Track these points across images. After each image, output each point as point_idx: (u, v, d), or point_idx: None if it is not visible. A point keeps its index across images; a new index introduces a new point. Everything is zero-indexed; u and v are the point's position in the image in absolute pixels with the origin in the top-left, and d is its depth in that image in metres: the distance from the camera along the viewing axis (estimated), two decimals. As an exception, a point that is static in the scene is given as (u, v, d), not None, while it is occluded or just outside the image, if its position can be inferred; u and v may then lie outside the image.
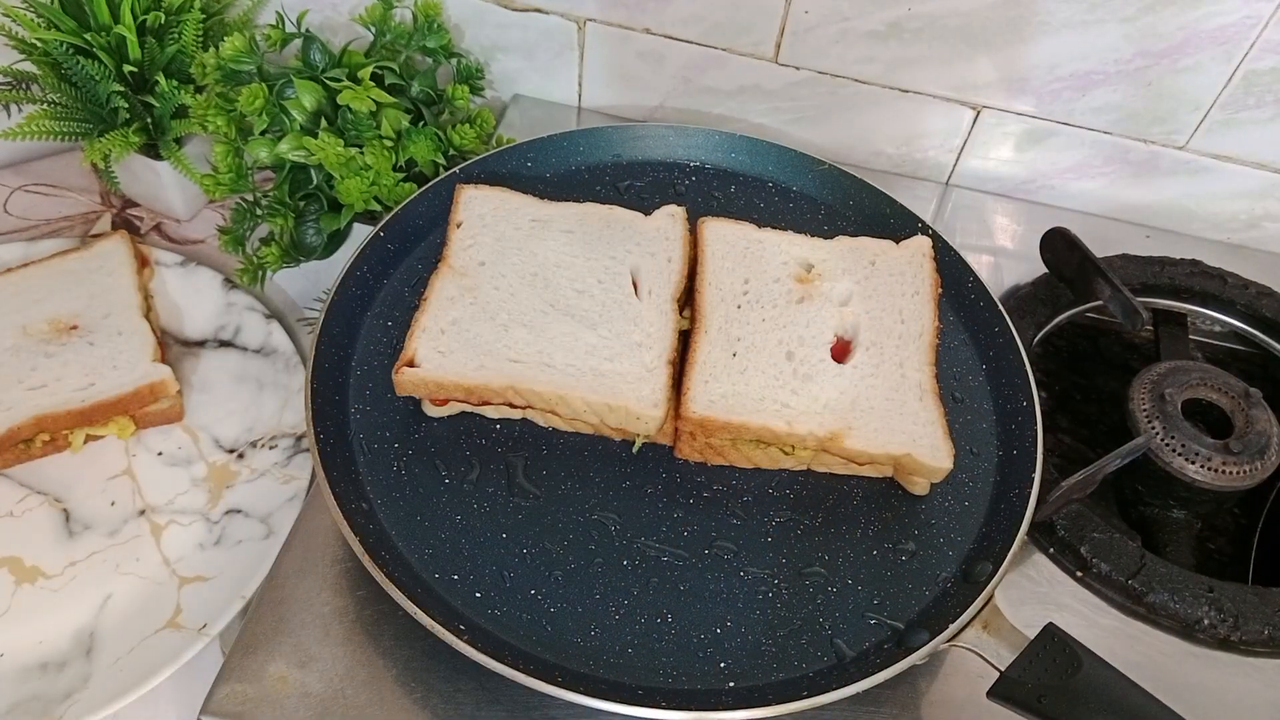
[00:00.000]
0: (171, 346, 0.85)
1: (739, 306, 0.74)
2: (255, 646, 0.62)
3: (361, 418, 0.69)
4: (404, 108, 0.85)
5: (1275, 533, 0.86)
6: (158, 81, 0.85)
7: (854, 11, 0.89)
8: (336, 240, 0.85)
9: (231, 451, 0.79)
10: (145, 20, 0.84)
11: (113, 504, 0.76)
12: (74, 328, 0.80)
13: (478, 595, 0.61)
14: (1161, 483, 0.78)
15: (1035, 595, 0.72)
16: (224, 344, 0.86)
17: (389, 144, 0.82)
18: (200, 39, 0.87)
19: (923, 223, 0.83)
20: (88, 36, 0.83)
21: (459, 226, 0.77)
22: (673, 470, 0.70)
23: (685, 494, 0.68)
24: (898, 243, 0.79)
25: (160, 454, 0.79)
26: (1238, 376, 0.81)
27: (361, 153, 0.81)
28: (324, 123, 0.81)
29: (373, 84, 0.81)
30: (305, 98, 0.80)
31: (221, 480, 0.77)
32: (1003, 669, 0.58)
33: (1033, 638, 0.59)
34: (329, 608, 0.64)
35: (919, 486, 0.69)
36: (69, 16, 0.84)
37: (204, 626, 0.69)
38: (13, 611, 0.70)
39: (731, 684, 0.59)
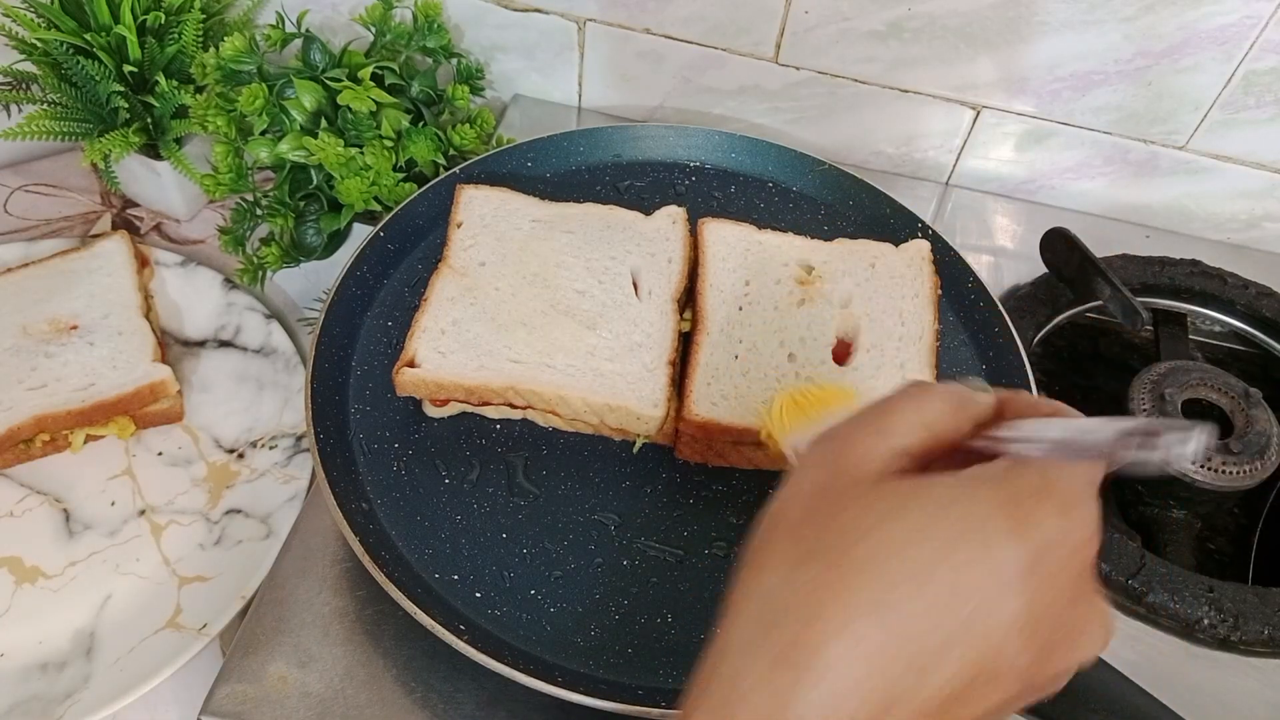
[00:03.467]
0: (171, 346, 0.85)
1: (740, 308, 0.74)
2: (255, 646, 0.62)
3: (361, 418, 0.69)
4: (404, 108, 0.85)
5: (1275, 533, 0.86)
6: (158, 81, 0.85)
7: (854, 11, 0.89)
8: (336, 240, 0.85)
9: (231, 451, 0.79)
10: (145, 20, 0.84)
11: (113, 504, 0.75)
12: (74, 328, 0.80)
13: (478, 595, 0.61)
14: (1161, 483, 0.78)
15: (1035, 595, 0.72)
16: (224, 344, 0.86)
17: (389, 144, 0.82)
18: (200, 39, 0.87)
19: (923, 223, 0.83)
20: (88, 36, 0.82)
21: (459, 227, 0.77)
22: (673, 470, 0.70)
23: (685, 494, 0.68)
24: (896, 245, 0.79)
25: (160, 454, 0.79)
26: (1238, 376, 0.81)
27: (361, 153, 0.81)
28: (324, 123, 0.81)
29: (373, 84, 0.81)
30: (305, 98, 0.80)
31: (221, 480, 0.77)
32: (1003, 669, 0.58)
33: (1033, 638, 0.59)
34: (329, 608, 0.64)
35: (919, 487, 0.69)
36: (69, 16, 0.84)
37: (204, 626, 0.68)
38: (13, 611, 0.69)
39: (731, 684, 0.59)
